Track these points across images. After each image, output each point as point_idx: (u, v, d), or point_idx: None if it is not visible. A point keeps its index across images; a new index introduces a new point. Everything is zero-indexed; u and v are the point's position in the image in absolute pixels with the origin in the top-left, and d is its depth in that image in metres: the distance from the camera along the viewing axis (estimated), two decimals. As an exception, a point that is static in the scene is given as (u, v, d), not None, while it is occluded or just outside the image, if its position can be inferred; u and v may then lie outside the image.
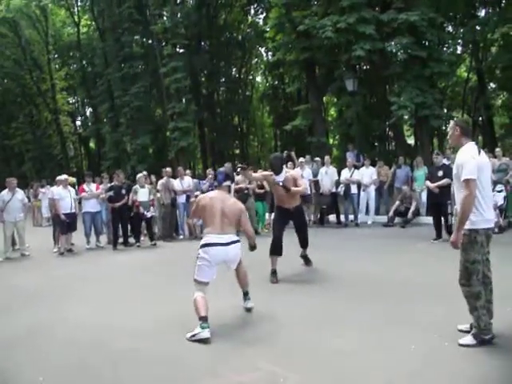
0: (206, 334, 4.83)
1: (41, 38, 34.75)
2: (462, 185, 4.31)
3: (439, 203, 10.26)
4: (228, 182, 5.85)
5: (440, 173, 10.18)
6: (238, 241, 5.51)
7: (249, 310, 5.81)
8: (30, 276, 9.03)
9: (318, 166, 14.61)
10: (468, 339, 4.41)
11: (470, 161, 4.30)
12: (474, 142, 4.57)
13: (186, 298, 5.79)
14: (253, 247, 6.02)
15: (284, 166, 7.83)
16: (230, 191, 6.04)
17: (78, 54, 36.78)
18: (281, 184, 7.42)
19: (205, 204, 5.50)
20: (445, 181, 9.97)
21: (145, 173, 13.39)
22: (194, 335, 4.86)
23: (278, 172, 7.49)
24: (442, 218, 10.26)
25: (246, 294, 5.90)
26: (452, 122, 4.76)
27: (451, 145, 4.86)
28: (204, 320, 4.91)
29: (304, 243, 8.23)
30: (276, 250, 7.62)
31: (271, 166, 7.62)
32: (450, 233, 9.81)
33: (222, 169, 6.04)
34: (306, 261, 8.46)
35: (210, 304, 5.11)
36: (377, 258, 8.79)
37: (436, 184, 10.18)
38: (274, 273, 7.50)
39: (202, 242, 5.37)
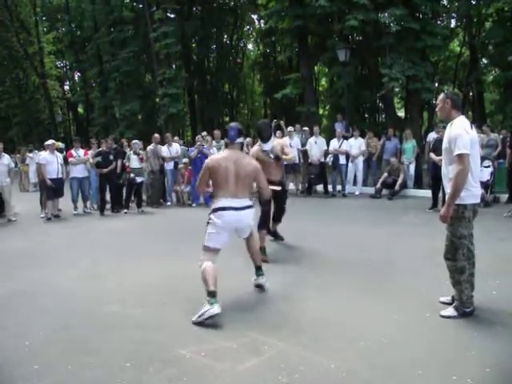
0: (216, 309, 4.32)
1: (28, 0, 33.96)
2: (455, 159, 4.24)
3: (441, 176, 10.12)
4: (241, 139, 5.17)
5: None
6: (251, 206, 5.07)
7: (260, 286, 5.38)
8: (16, 241, 8.97)
9: (306, 136, 14.58)
10: (450, 311, 4.46)
11: (464, 134, 4.21)
12: (464, 116, 4.50)
13: (173, 263, 5.84)
14: (266, 201, 6.25)
15: (273, 134, 7.37)
16: (242, 149, 5.59)
17: (66, 17, 36.07)
18: (270, 154, 6.83)
19: (216, 166, 4.87)
20: None
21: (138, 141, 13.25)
22: (202, 314, 4.34)
23: (266, 139, 6.75)
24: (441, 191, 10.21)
25: (258, 269, 5.42)
26: (442, 94, 4.62)
27: (440, 117, 4.79)
28: (212, 295, 4.41)
29: (279, 215, 7.60)
30: (266, 223, 7.08)
31: (259, 132, 6.85)
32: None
33: (233, 124, 5.28)
34: (276, 236, 7.92)
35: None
36: (363, 229, 8.85)
37: (440, 157, 10.01)
38: (263, 251, 6.67)
39: (214, 205, 4.89)
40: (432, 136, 13.20)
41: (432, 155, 10.52)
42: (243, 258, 5.80)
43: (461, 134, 4.22)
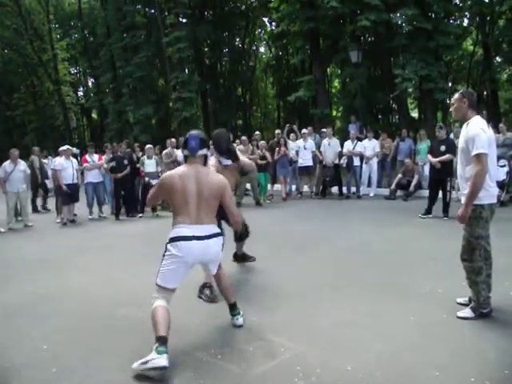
0: (162, 361, 3.50)
1: (41, 7, 34.30)
2: (473, 159, 4.16)
3: (440, 179, 10.01)
4: (204, 151, 4.18)
5: (443, 147, 9.89)
6: (220, 234, 4.21)
7: (238, 327, 4.44)
8: (32, 246, 9.07)
9: (320, 138, 14.57)
10: (467, 312, 4.42)
11: (481, 134, 4.15)
12: (480, 116, 4.42)
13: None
14: (241, 235, 5.22)
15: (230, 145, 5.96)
16: (205, 163, 4.31)
17: (79, 23, 36.44)
18: (229, 165, 5.65)
19: (172, 185, 4.01)
20: (447, 156, 9.76)
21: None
22: (145, 363, 3.55)
23: (223, 152, 5.66)
24: (441, 194, 10.04)
25: (233, 308, 4.48)
26: (458, 94, 4.52)
27: (456, 117, 4.74)
28: (162, 342, 3.62)
29: (240, 234, 6.05)
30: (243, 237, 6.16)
31: (215, 144, 5.72)
32: (445, 210, 9.83)
33: (194, 132, 4.29)
34: (245, 258, 6.67)
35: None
36: (378, 230, 8.81)
37: (438, 159, 9.86)
38: (243, 257, 6.40)
39: (171, 234, 4.03)
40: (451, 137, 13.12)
41: (429, 157, 10.26)
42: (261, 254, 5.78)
43: (478, 133, 4.15)
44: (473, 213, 4.24)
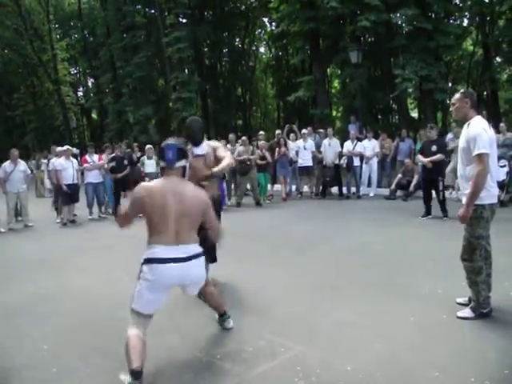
0: None
1: (41, 8, 34.34)
2: (474, 159, 4.16)
3: (432, 179, 9.92)
4: (182, 162, 3.73)
5: (434, 147, 9.82)
6: (201, 254, 3.75)
7: (228, 329, 4.34)
8: (32, 246, 9.08)
9: (321, 138, 14.58)
10: (466, 312, 4.42)
11: (483, 134, 4.14)
12: (480, 116, 4.42)
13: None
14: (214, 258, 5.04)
15: (205, 136, 5.82)
16: (184, 175, 3.81)
17: (79, 23, 36.48)
18: (200, 154, 5.36)
19: (149, 199, 3.56)
20: (438, 156, 9.72)
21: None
22: None
23: (197, 142, 5.41)
24: (434, 194, 9.99)
25: (223, 315, 4.38)
26: (459, 94, 4.51)
27: (457, 117, 4.69)
28: (136, 375, 3.24)
29: (212, 252, 5.36)
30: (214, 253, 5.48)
31: (189, 132, 5.45)
32: (443, 209, 9.83)
33: (171, 141, 3.82)
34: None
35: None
36: (378, 230, 8.81)
37: (430, 159, 9.76)
38: None
39: (147, 254, 3.64)
40: (449, 137, 13.13)
41: (420, 157, 10.19)
42: (258, 252, 5.78)
43: (480, 133, 4.15)
44: (474, 213, 4.23)
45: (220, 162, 5.31)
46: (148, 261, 3.58)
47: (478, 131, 4.17)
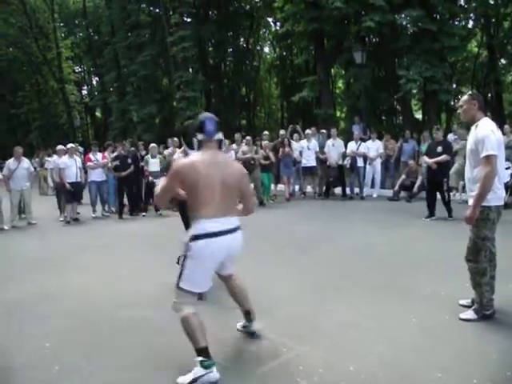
0: (213, 375, 3.35)
1: (46, 6, 34.42)
2: (482, 161, 4.14)
3: (436, 180, 9.89)
4: (220, 135, 3.74)
5: (439, 148, 9.86)
6: (240, 226, 3.77)
7: (253, 333, 4.22)
8: (35, 244, 9.11)
9: (324, 139, 14.57)
10: (469, 314, 4.42)
11: (491, 136, 4.12)
12: (488, 118, 4.39)
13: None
14: None
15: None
16: (220, 147, 3.83)
17: (84, 22, 36.52)
18: None
19: (192, 173, 3.44)
20: (443, 157, 9.75)
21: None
22: (194, 380, 3.35)
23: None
24: (439, 196, 9.96)
25: (248, 314, 4.20)
26: (467, 96, 4.49)
27: (464, 119, 4.62)
28: (205, 354, 3.38)
29: None
30: None
31: (188, 137, 4.90)
32: (448, 210, 9.83)
33: (207, 114, 3.95)
34: None
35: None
36: (381, 231, 8.80)
37: (434, 160, 9.77)
38: None
39: (195, 231, 3.47)
40: (450, 138, 13.11)
41: (425, 158, 10.20)
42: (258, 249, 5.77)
43: (488, 135, 4.13)
44: (480, 214, 4.23)
45: None
46: (198, 237, 3.44)
47: (485, 133, 4.15)
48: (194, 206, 3.54)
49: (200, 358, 3.34)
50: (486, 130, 4.18)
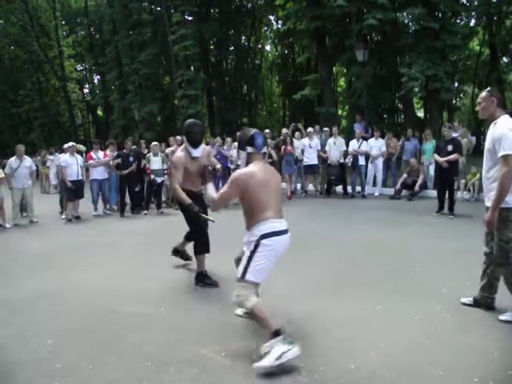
0: (296, 350, 3.58)
1: (48, 4, 34.40)
2: (500, 160, 4.00)
3: (446, 178, 10.06)
4: (265, 148, 4.33)
5: (449, 147, 9.99)
6: None
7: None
8: (37, 242, 9.10)
9: (326, 137, 14.56)
10: (508, 315, 4.28)
11: (509, 134, 3.95)
12: (508, 115, 4.21)
13: (192, 264, 5.87)
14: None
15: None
16: (264, 158, 4.38)
17: (85, 20, 36.55)
18: (198, 157, 5.79)
19: (253, 181, 3.90)
20: (454, 156, 9.90)
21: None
22: (279, 357, 3.52)
23: (197, 144, 5.78)
24: (447, 193, 10.08)
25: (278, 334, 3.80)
26: (485, 92, 4.30)
27: (483, 117, 4.39)
28: (283, 333, 3.67)
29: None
30: (206, 246, 5.87)
31: (189, 134, 5.77)
32: (450, 208, 9.90)
33: (254, 130, 4.27)
34: (184, 256, 6.80)
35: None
36: (382, 230, 8.80)
37: (445, 158, 9.94)
38: (207, 275, 5.83)
39: (263, 230, 3.86)
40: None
41: (436, 156, 10.39)
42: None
43: (506, 133, 3.97)
44: (500, 216, 4.09)
45: (210, 164, 5.90)
46: (266, 235, 3.85)
47: (503, 131, 4.00)
48: (255, 209, 3.94)
49: (280, 337, 3.62)
50: (504, 128, 4.03)
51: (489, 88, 4.44)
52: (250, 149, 4.09)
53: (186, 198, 5.57)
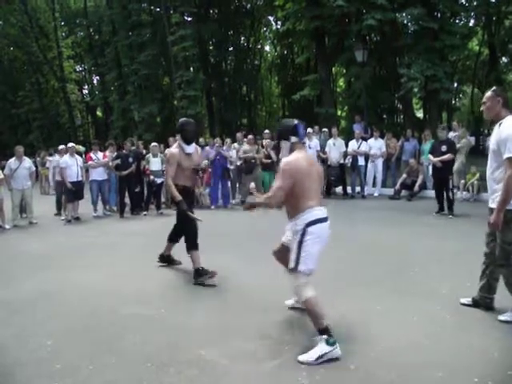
0: (337, 351, 3.67)
1: (47, 5, 34.40)
2: (505, 162, 3.94)
3: (441, 178, 10.13)
4: (306, 139, 4.28)
5: (444, 147, 10.03)
6: None
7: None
8: (37, 243, 9.09)
9: (325, 137, 14.55)
10: (508, 315, 4.28)
11: None
12: None
13: (190, 265, 5.88)
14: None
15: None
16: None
17: (84, 21, 36.50)
18: (202, 165, 6.48)
19: (301, 170, 3.91)
20: (448, 156, 9.93)
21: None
22: (321, 356, 3.62)
23: (191, 141, 6.10)
24: (444, 193, 10.14)
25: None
26: (490, 92, 4.23)
27: (488, 117, 4.31)
28: (329, 333, 3.74)
29: (178, 234, 6.66)
30: (196, 243, 6.08)
31: (183, 132, 6.06)
32: (450, 208, 9.93)
33: (294, 120, 4.30)
34: (170, 261, 6.84)
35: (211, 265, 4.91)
36: (382, 230, 8.81)
37: (439, 158, 9.99)
38: (203, 270, 5.86)
39: (309, 217, 3.95)
40: (451, 135, 13.09)
41: (430, 157, 10.46)
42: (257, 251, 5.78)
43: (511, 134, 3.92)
44: (503, 218, 4.05)
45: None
46: (313, 222, 3.95)
47: (509, 132, 3.94)
48: (300, 198, 3.96)
49: (325, 336, 3.69)
50: (510, 129, 3.96)
51: (494, 87, 4.37)
52: (293, 138, 4.12)
53: (177, 195, 5.88)
